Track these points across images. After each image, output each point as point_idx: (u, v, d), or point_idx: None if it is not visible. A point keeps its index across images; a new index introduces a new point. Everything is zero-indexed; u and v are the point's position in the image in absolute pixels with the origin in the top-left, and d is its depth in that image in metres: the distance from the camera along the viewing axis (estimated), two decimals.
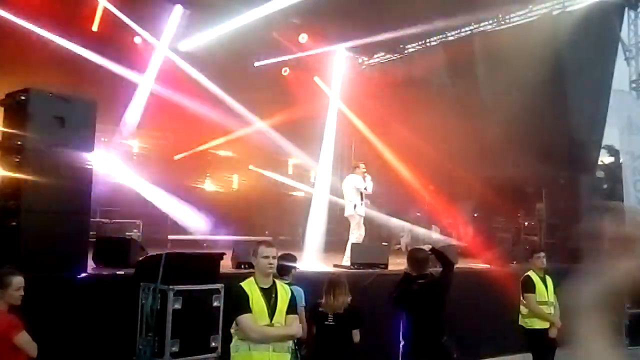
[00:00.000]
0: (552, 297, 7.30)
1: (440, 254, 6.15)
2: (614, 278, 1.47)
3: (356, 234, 10.58)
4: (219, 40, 14.52)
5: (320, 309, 6.01)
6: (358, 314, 6.06)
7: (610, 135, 14.81)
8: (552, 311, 7.25)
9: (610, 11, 13.30)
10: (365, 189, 10.64)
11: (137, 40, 14.63)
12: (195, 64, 14.97)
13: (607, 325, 1.44)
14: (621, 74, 13.97)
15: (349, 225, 10.81)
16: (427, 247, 6.23)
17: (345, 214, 10.95)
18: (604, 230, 1.53)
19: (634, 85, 13.87)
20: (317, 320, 5.96)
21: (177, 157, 15.91)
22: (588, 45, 13.15)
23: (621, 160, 13.56)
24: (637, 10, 13.87)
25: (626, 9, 13.74)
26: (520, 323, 7.38)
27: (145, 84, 14.36)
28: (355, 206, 10.59)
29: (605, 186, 18.78)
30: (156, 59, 14.49)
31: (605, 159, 23.91)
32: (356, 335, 5.96)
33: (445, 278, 5.95)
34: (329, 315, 5.94)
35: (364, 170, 10.79)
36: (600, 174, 17.38)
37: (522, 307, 7.36)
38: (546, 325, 7.16)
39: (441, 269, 6.10)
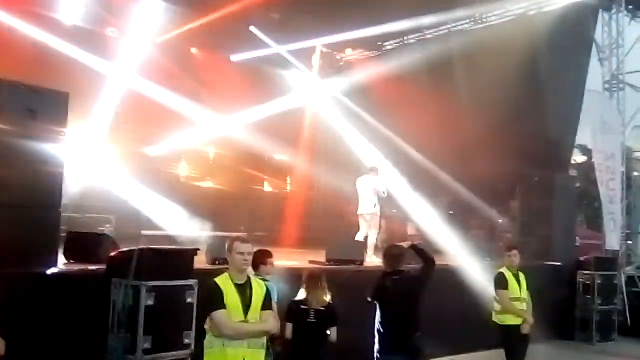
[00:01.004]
0: (524, 294, 7.37)
1: (421, 251, 6.15)
2: None
3: (374, 231, 11.47)
4: (196, 33, 14.36)
5: (302, 306, 5.95)
6: (335, 311, 6.04)
7: (583, 135, 15.04)
8: (525, 307, 7.32)
9: (584, 12, 13.46)
10: (384, 192, 11.50)
11: (110, 32, 14.42)
12: (170, 56, 14.80)
13: None
14: (594, 74, 14.17)
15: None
16: (406, 244, 6.23)
17: (360, 212, 11.54)
18: None
19: (606, 85, 14.06)
20: (297, 317, 5.90)
21: (150, 151, 15.71)
22: (563, 46, 13.31)
23: (593, 159, 13.76)
24: (610, 12, 14.06)
25: (600, 10, 13.92)
26: (493, 319, 7.44)
27: (118, 76, 14.15)
28: (375, 205, 11.39)
29: (578, 185, 19.06)
30: (130, 52, 14.28)
31: (578, 158, 24.32)
32: (333, 333, 5.93)
33: (425, 274, 5.96)
34: (311, 312, 5.90)
35: (378, 171, 11.68)
36: (573, 172, 17.64)
37: (495, 304, 7.42)
38: (519, 321, 7.22)
39: (421, 265, 6.08)
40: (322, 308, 5.93)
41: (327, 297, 6.04)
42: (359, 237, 11.35)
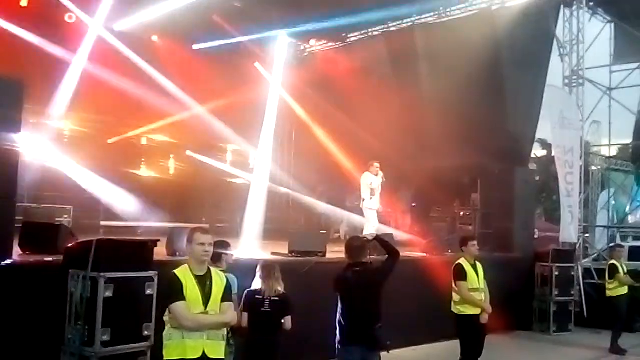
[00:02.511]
0: (482, 284, 7.43)
1: (385, 243, 6.15)
2: None
3: (367, 227, 11.42)
4: (157, 21, 14.11)
5: (257, 296, 5.97)
6: (290, 301, 6.09)
7: (544, 129, 15.32)
8: (483, 297, 7.38)
9: (546, 8, 13.69)
10: (376, 188, 11.63)
11: (69, 17, 14.04)
12: (131, 44, 14.50)
13: None
14: (555, 70, 14.41)
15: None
16: (370, 236, 6.22)
17: (362, 207, 11.82)
18: None
19: (566, 81, 14.32)
20: (253, 307, 5.92)
21: (111, 140, 15.41)
22: (525, 41, 13.51)
23: (553, 154, 14.01)
24: (572, 8, 14.30)
25: (562, 6, 14.16)
26: (452, 310, 7.49)
27: (77, 63, 13.80)
28: (363, 200, 11.58)
29: (537, 178, 19.45)
30: (89, 38, 13.93)
31: (538, 152, 24.86)
32: (288, 322, 6.00)
33: (387, 267, 5.95)
34: (265, 302, 5.94)
35: (377, 168, 11.72)
36: (533, 166, 17.97)
37: (454, 295, 7.46)
38: (477, 311, 7.29)
39: (385, 257, 6.08)
40: (276, 298, 5.98)
41: (281, 287, 6.05)
42: (366, 230, 11.38)
